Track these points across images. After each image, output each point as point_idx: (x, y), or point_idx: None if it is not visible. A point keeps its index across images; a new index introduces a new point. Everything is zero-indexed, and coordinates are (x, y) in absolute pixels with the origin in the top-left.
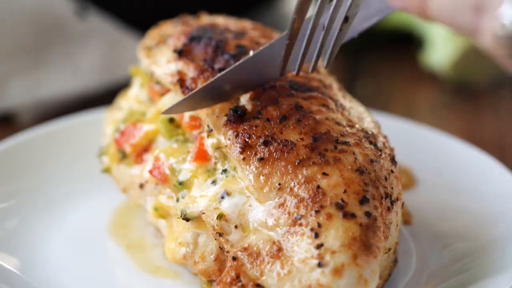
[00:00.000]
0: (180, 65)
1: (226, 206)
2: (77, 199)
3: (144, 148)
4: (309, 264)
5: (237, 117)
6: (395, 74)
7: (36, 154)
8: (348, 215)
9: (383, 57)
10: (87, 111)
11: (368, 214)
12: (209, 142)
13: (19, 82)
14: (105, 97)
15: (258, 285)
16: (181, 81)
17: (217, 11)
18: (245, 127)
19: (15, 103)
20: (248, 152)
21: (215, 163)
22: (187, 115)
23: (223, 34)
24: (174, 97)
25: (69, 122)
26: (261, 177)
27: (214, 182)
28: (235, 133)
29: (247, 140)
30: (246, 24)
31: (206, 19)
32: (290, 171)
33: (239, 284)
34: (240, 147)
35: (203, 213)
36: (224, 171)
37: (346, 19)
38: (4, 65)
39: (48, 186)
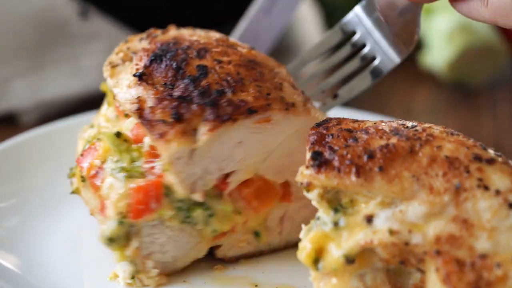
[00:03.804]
0: (140, 90)
1: (381, 224)
2: (77, 198)
3: (97, 171)
4: (501, 212)
5: (318, 164)
6: (393, 75)
7: (36, 154)
8: (492, 160)
9: None
10: (89, 112)
11: (500, 155)
12: (314, 194)
13: (22, 83)
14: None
15: (482, 255)
16: (139, 111)
17: (216, 14)
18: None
19: (18, 104)
20: (362, 174)
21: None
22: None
23: (185, 52)
24: (135, 121)
25: (68, 122)
26: (395, 181)
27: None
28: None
29: (357, 164)
30: (211, 39)
31: (172, 32)
32: (411, 161)
33: (466, 267)
34: (354, 174)
35: (371, 240)
36: (335, 223)
37: (335, 96)
38: (6, 66)
39: (48, 185)
